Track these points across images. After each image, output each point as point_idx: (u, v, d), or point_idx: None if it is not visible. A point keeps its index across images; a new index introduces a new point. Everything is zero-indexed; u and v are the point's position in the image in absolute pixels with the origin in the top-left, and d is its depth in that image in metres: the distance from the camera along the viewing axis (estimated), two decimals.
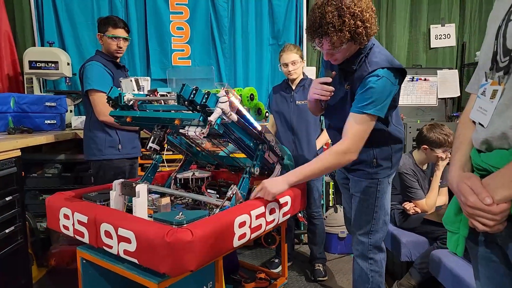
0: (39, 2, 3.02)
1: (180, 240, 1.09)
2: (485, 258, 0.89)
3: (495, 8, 0.91)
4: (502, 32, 0.81)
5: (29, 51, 2.80)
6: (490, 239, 0.87)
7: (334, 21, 1.25)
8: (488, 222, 0.76)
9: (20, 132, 2.33)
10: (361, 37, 1.31)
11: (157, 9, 3.15)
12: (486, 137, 0.81)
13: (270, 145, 1.62)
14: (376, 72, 1.34)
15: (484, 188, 0.77)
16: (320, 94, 1.49)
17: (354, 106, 1.38)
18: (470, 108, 0.93)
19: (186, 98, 1.30)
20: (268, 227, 1.48)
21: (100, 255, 1.42)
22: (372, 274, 1.61)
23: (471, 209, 0.79)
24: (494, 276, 0.88)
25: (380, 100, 1.34)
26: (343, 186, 1.80)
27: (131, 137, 2.22)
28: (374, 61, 1.37)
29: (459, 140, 0.94)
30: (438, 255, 1.80)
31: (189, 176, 1.98)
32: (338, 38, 1.28)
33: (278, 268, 2.48)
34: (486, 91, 0.84)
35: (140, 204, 1.36)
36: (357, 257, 1.67)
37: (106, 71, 2.08)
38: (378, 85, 1.33)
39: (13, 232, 1.88)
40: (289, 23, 3.30)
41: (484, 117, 0.82)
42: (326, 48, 1.34)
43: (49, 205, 1.50)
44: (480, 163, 0.84)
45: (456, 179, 0.86)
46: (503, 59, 0.80)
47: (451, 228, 0.91)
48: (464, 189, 0.81)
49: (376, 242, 1.61)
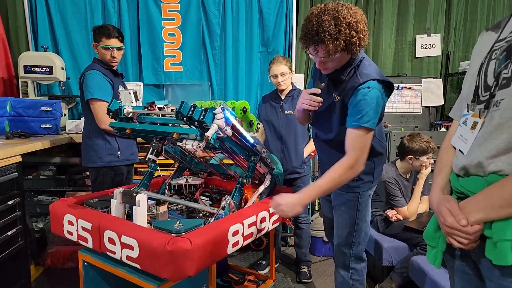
0: (33, 7, 3.05)
1: (180, 248, 1.20)
2: (460, 270, 1.00)
3: (479, 43, 1.02)
4: (484, 69, 0.91)
5: (24, 56, 2.84)
6: (465, 253, 0.96)
7: (331, 29, 1.29)
8: (463, 241, 0.87)
9: (18, 136, 2.39)
10: (355, 47, 1.35)
11: (150, 15, 3.22)
12: (465, 164, 0.92)
13: (261, 156, 1.73)
14: (367, 83, 1.38)
15: (461, 211, 0.88)
16: (308, 104, 1.52)
17: (350, 121, 1.42)
18: (452, 134, 1.03)
19: (185, 115, 1.40)
20: (259, 235, 1.60)
21: (101, 258, 1.52)
22: (353, 283, 1.67)
23: (448, 229, 0.90)
24: (467, 286, 0.98)
25: (372, 111, 1.38)
26: (324, 197, 1.83)
27: (129, 143, 2.29)
28: (365, 73, 1.41)
29: (441, 164, 1.04)
30: (418, 261, 1.94)
31: (182, 182, 2.08)
32: (334, 47, 1.31)
33: (265, 270, 2.60)
34: (467, 121, 0.94)
35: (140, 212, 1.46)
36: (338, 267, 1.72)
37: (106, 79, 2.15)
38: (370, 96, 1.37)
39: (14, 234, 1.95)
40: (279, 31, 3.41)
41: (464, 145, 0.93)
42: (321, 56, 1.37)
43: (53, 211, 1.59)
44: (458, 187, 0.94)
45: (436, 201, 0.97)
46: (484, 94, 0.90)
47: (431, 243, 1.02)
48: (443, 211, 0.92)
49: (357, 253, 1.65)
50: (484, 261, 0.88)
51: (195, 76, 3.34)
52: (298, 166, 2.38)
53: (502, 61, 0.84)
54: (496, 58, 0.88)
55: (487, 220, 0.84)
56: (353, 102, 1.41)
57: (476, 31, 3.72)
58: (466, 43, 3.76)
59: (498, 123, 0.84)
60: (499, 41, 0.90)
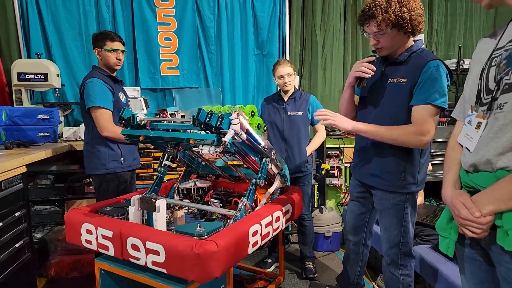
0: (24, 13, 3.00)
1: (207, 251, 1.23)
2: (470, 257, 1.09)
3: (478, 49, 1.12)
4: (485, 74, 1.01)
5: (17, 63, 2.79)
6: (475, 242, 1.06)
7: (382, 3, 1.41)
8: (476, 231, 0.96)
9: (17, 146, 2.35)
10: (407, 25, 1.44)
11: (145, 20, 3.21)
12: (474, 162, 1.01)
13: (272, 158, 1.78)
14: (435, 62, 1.44)
15: (473, 204, 0.96)
16: (362, 71, 1.55)
17: (418, 98, 1.45)
18: (457, 133, 1.13)
19: (202, 121, 1.43)
20: (274, 234, 1.65)
21: (120, 265, 1.53)
22: (403, 278, 1.69)
23: (463, 220, 0.98)
24: (476, 272, 1.08)
25: (442, 89, 1.43)
26: (357, 200, 1.82)
27: (131, 149, 2.30)
28: (429, 54, 1.49)
29: (449, 161, 1.13)
30: (418, 250, 2.03)
31: (191, 186, 2.11)
32: (383, 19, 1.41)
33: (271, 268, 2.65)
34: (472, 121, 1.04)
35: (160, 217, 1.49)
36: (388, 265, 1.72)
37: (106, 87, 2.15)
38: (439, 74, 1.42)
39: (22, 246, 1.93)
40: (273, 34, 3.46)
41: (470, 143, 1.03)
42: (374, 31, 1.47)
43: (69, 221, 1.59)
44: (469, 182, 1.03)
45: (450, 195, 1.06)
46: (486, 96, 1.00)
47: (443, 234, 1.11)
48: (457, 204, 1.00)
49: (406, 251, 1.67)
50: (495, 248, 0.97)
51: (192, 80, 3.36)
52: (301, 165, 2.44)
53: (503, 69, 0.94)
54: (496, 65, 0.98)
55: (498, 211, 0.93)
56: (423, 79, 1.45)
57: (456, 31, 3.91)
58: (447, 43, 3.95)
59: (502, 124, 0.93)
60: (498, 49, 1.00)
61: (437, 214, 2.28)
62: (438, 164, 3.12)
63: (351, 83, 1.67)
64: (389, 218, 1.65)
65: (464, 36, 3.93)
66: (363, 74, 1.56)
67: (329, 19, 3.57)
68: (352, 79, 1.65)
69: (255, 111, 1.94)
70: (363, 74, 1.56)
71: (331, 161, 3.21)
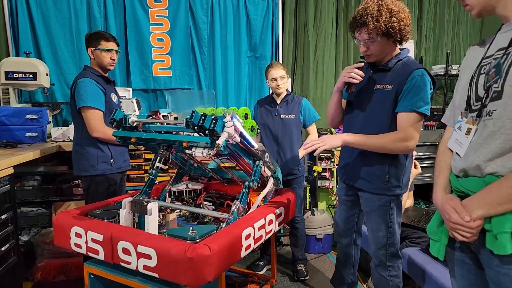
0: (13, 11, 2.94)
1: (200, 255, 1.22)
2: (460, 260, 1.11)
3: (467, 57, 1.15)
4: (475, 81, 1.04)
5: (5, 61, 2.73)
6: (465, 245, 1.08)
7: (373, 12, 1.47)
8: (466, 235, 0.98)
9: (4, 146, 2.30)
10: (396, 34, 1.50)
11: (137, 20, 3.18)
12: (464, 167, 1.03)
13: (265, 160, 1.78)
14: (420, 70, 1.51)
15: (464, 208, 0.98)
16: (351, 77, 1.59)
17: (404, 105, 1.51)
18: (447, 138, 1.16)
19: (196, 124, 1.42)
20: (267, 237, 1.64)
21: (110, 270, 1.51)
22: (391, 279, 1.72)
23: (453, 224, 1.00)
24: (466, 275, 1.10)
25: (426, 97, 1.50)
26: (344, 202, 1.86)
27: (122, 151, 2.27)
28: (414, 63, 1.56)
29: (440, 165, 1.15)
30: (408, 252, 2.05)
31: (183, 188, 2.08)
32: (374, 28, 1.47)
33: (263, 270, 2.64)
34: (461, 127, 1.06)
35: (152, 221, 1.46)
36: (376, 267, 1.76)
37: (98, 87, 2.12)
38: (424, 82, 1.49)
39: (7, 250, 1.88)
40: (266, 36, 3.47)
41: (460, 148, 1.05)
42: (364, 38, 1.52)
43: (57, 224, 1.55)
44: (459, 187, 1.05)
45: (441, 200, 1.08)
46: (475, 103, 1.03)
47: (434, 237, 1.13)
48: (447, 209, 1.02)
49: (393, 252, 1.71)
50: (484, 252, 0.99)
51: (184, 81, 3.34)
52: (293, 168, 2.44)
53: (492, 76, 0.97)
54: (485, 72, 1.00)
55: (487, 216, 0.95)
56: (408, 87, 1.51)
57: (444, 37, 3.99)
58: (435, 48, 4.04)
59: (492, 131, 0.95)
60: (487, 57, 1.03)
61: (427, 216, 2.30)
62: (427, 167, 3.17)
63: (339, 88, 1.72)
64: (375, 220, 1.70)
65: (452, 42, 4.02)
66: (352, 80, 1.61)
67: (321, 23, 3.60)
68: (341, 84, 1.69)
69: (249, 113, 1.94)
70: (352, 80, 1.61)
71: (323, 163, 3.23)
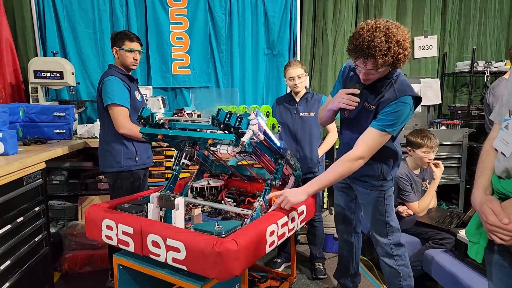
0: (41, 11, 3.04)
1: (228, 249, 1.26)
2: (499, 264, 1.07)
3: None
4: None
5: (34, 61, 2.83)
6: (504, 249, 1.04)
7: (382, 45, 1.41)
8: (504, 237, 0.95)
9: (35, 142, 2.40)
10: (399, 63, 1.50)
11: (158, 19, 3.24)
12: (507, 167, 0.99)
13: (287, 159, 1.81)
14: (404, 98, 1.55)
15: (503, 210, 0.95)
16: (346, 104, 1.64)
17: (377, 123, 1.58)
18: (493, 137, 1.10)
19: (221, 121, 1.46)
20: (289, 234, 1.68)
21: (139, 261, 1.57)
22: (400, 268, 1.82)
23: (491, 226, 0.97)
24: (505, 279, 1.06)
25: (399, 122, 1.58)
26: (341, 190, 2.00)
27: (145, 147, 2.34)
28: (402, 88, 1.57)
29: (482, 165, 1.10)
30: (431, 254, 2.04)
31: (204, 185, 2.13)
32: (382, 62, 1.44)
33: (281, 267, 2.67)
34: (509, 126, 1.01)
35: (179, 215, 1.51)
36: (382, 257, 1.87)
37: (124, 85, 2.19)
38: (403, 111, 1.55)
39: (40, 241, 1.97)
40: (284, 34, 3.48)
41: (506, 148, 1.00)
42: (368, 69, 1.50)
43: (89, 217, 1.62)
44: (500, 188, 1.01)
45: (479, 201, 1.03)
46: None
47: (473, 239, 1.10)
48: (486, 210, 0.98)
49: (396, 240, 1.83)
50: None
51: (202, 79, 3.39)
52: (313, 166, 2.46)
53: None
54: None
55: None
56: (388, 110, 1.56)
57: (469, 33, 3.88)
58: (460, 44, 3.92)
59: None
60: None
61: (451, 218, 2.28)
62: (448, 167, 3.14)
63: (333, 110, 1.77)
64: (372, 212, 1.83)
65: (478, 37, 3.89)
66: (348, 107, 1.66)
67: (340, 19, 3.59)
68: (336, 108, 1.74)
69: (270, 111, 1.96)
70: (347, 107, 1.66)
71: None
